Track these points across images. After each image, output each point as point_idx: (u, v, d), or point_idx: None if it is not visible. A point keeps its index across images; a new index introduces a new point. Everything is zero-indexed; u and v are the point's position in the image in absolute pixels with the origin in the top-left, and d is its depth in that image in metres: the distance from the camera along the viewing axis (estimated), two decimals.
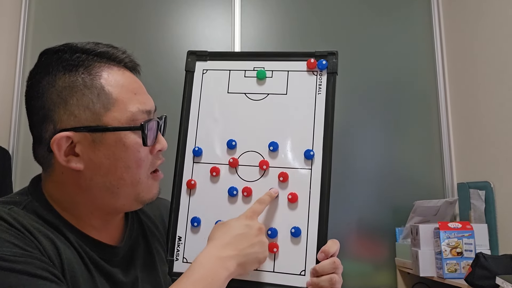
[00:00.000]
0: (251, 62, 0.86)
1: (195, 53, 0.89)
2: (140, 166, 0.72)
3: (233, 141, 0.82)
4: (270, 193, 0.78)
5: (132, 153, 0.71)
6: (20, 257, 0.60)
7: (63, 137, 0.68)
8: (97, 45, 0.73)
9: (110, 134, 0.70)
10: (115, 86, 0.71)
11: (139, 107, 0.72)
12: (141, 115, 0.72)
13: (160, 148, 0.76)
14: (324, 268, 0.73)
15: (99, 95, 0.70)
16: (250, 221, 0.73)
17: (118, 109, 0.70)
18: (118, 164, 0.70)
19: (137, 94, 0.73)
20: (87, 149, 0.70)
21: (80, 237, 0.71)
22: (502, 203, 1.84)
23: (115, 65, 0.74)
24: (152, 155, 0.74)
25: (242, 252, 0.70)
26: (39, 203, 0.71)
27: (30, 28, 2.14)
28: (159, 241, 0.86)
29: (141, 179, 0.73)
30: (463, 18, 2.17)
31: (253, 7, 2.27)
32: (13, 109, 2.05)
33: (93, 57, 0.72)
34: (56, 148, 0.69)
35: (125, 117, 0.70)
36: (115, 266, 0.75)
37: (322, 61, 0.83)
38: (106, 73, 0.72)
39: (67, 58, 0.72)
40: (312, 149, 0.79)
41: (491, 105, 1.93)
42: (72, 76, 0.70)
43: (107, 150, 0.70)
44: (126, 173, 0.71)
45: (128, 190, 0.72)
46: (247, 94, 0.84)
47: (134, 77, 0.76)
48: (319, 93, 0.82)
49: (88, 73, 0.71)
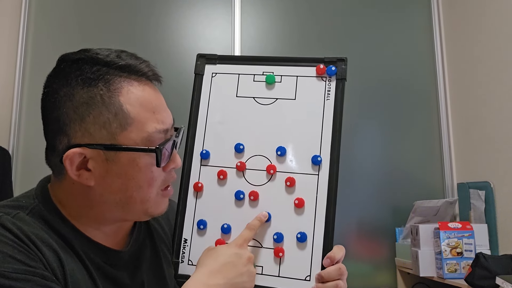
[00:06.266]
0: (260, 67, 0.86)
1: (205, 56, 0.88)
2: (152, 186, 0.71)
3: (241, 145, 0.82)
4: (259, 217, 0.78)
5: (145, 174, 0.70)
6: (21, 274, 0.59)
7: (76, 153, 0.67)
8: (120, 57, 0.71)
9: (124, 154, 0.69)
10: (134, 104, 0.69)
11: (156, 126, 0.70)
12: (158, 135, 0.71)
13: (174, 166, 0.75)
14: (330, 274, 0.73)
15: (116, 114, 0.68)
16: (240, 250, 0.73)
17: (134, 129, 0.69)
18: (130, 183, 0.70)
19: (156, 112, 0.72)
20: (99, 166, 0.69)
21: (86, 243, 0.71)
22: (502, 203, 1.85)
23: (136, 79, 0.72)
24: (165, 172, 0.74)
25: (230, 281, 0.70)
26: (46, 208, 0.70)
27: (30, 28, 2.12)
28: (165, 243, 0.86)
29: (151, 197, 0.72)
30: (463, 18, 2.17)
31: (253, 8, 2.27)
32: (13, 109, 2.04)
33: (114, 70, 0.70)
34: (68, 163, 0.68)
35: (141, 137, 0.69)
36: (120, 270, 0.75)
37: (331, 67, 0.83)
38: (126, 89, 0.70)
39: (86, 70, 0.69)
40: (319, 154, 0.79)
41: (491, 105, 1.93)
42: (91, 91, 0.68)
43: (119, 169, 0.69)
44: (136, 192, 0.71)
45: (137, 207, 0.72)
46: (255, 98, 0.84)
47: (155, 92, 0.74)
48: (328, 99, 0.82)
49: (107, 88, 0.69)
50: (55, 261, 0.64)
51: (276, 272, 0.76)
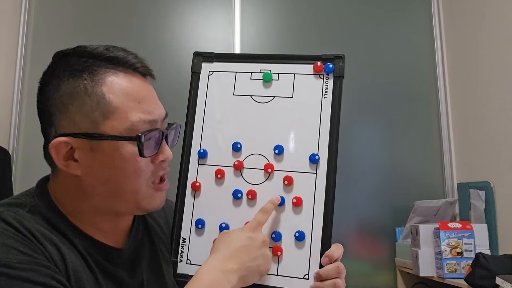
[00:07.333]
0: (258, 65, 0.85)
1: (201, 54, 0.87)
2: (139, 176, 0.70)
3: (238, 144, 0.82)
4: (272, 200, 0.77)
5: (131, 163, 0.69)
6: (26, 264, 0.60)
7: (61, 142, 0.68)
8: (108, 49, 0.72)
9: (107, 143, 0.69)
10: (118, 93, 0.69)
11: (141, 116, 0.70)
12: (143, 125, 0.70)
13: (163, 159, 0.73)
14: (328, 273, 0.73)
15: (98, 103, 0.68)
16: (253, 233, 0.73)
17: (117, 118, 0.69)
18: (117, 173, 0.69)
19: (142, 102, 0.71)
20: (85, 156, 0.69)
21: (85, 240, 0.71)
22: (502, 203, 1.85)
23: (122, 70, 0.71)
24: (154, 165, 0.72)
25: (244, 266, 0.70)
26: (45, 205, 0.71)
27: (30, 28, 2.13)
28: (164, 242, 0.86)
29: (141, 188, 0.71)
30: (463, 18, 2.17)
31: (253, 7, 2.27)
32: (13, 109, 2.04)
33: (100, 62, 0.71)
34: (54, 153, 0.69)
35: (124, 126, 0.69)
36: (120, 267, 0.75)
37: (329, 65, 0.82)
38: (110, 80, 0.70)
39: (73, 62, 0.70)
40: (317, 153, 0.79)
41: (491, 105, 1.93)
42: (76, 82, 0.69)
43: (105, 158, 0.69)
44: (124, 182, 0.70)
45: (128, 197, 0.71)
46: (253, 96, 0.84)
47: (144, 83, 0.74)
48: (325, 97, 0.81)
49: (91, 79, 0.69)
50: (57, 255, 0.65)
51: (275, 270, 0.76)
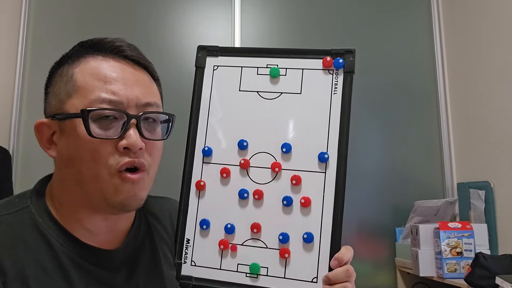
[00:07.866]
0: (264, 59, 0.81)
1: (206, 48, 0.83)
2: (95, 160, 0.66)
3: (245, 142, 0.78)
4: None
5: (85, 144, 0.66)
6: None
7: (40, 123, 0.70)
8: (102, 39, 0.72)
9: (68, 122, 0.67)
10: (85, 73, 0.68)
11: (101, 95, 0.66)
12: (101, 104, 0.66)
13: (126, 145, 0.67)
14: (338, 276, 0.69)
15: (66, 82, 0.69)
16: None
17: (79, 96, 0.67)
18: (75, 155, 0.67)
19: (109, 83, 0.68)
20: (58, 137, 0.70)
21: (73, 245, 0.69)
22: (502, 203, 1.85)
23: (102, 54, 0.71)
24: (119, 151, 0.67)
25: None
26: (36, 208, 0.70)
27: (30, 29, 2.12)
28: (167, 243, 0.84)
29: (101, 176, 0.67)
30: (463, 18, 2.17)
31: (253, 7, 2.27)
32: (13, 109, 2.03)
33: (86, 48, 0.71)
34: (37, 134, 0.71)
35: (83, 105, 0.66)
36: (113, 271, 0.73)
37: (339, 60, 0.78)
38: (85, 61, 0.70)
39: (67, 52, 0.73)
40: (326, 151, 0.76)
41: (491, 105, 1.93)
42: (59, 67, 0.72)
43: (67, 139, 0.68)
44: (81, 165, 0.67)
45: (91, 186, 0.67)
46: (259, 92, 0.80)
47: (122, 66, 0.71)
48: (335, 93, 0.78)
49: (71, 63, 0.70)
50: (15, 269, 0.64)
51: (282, 273, 0.73)
